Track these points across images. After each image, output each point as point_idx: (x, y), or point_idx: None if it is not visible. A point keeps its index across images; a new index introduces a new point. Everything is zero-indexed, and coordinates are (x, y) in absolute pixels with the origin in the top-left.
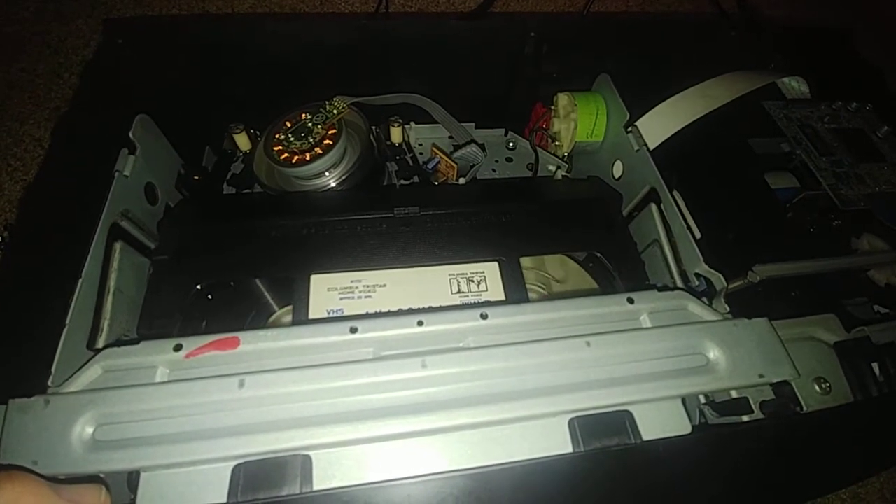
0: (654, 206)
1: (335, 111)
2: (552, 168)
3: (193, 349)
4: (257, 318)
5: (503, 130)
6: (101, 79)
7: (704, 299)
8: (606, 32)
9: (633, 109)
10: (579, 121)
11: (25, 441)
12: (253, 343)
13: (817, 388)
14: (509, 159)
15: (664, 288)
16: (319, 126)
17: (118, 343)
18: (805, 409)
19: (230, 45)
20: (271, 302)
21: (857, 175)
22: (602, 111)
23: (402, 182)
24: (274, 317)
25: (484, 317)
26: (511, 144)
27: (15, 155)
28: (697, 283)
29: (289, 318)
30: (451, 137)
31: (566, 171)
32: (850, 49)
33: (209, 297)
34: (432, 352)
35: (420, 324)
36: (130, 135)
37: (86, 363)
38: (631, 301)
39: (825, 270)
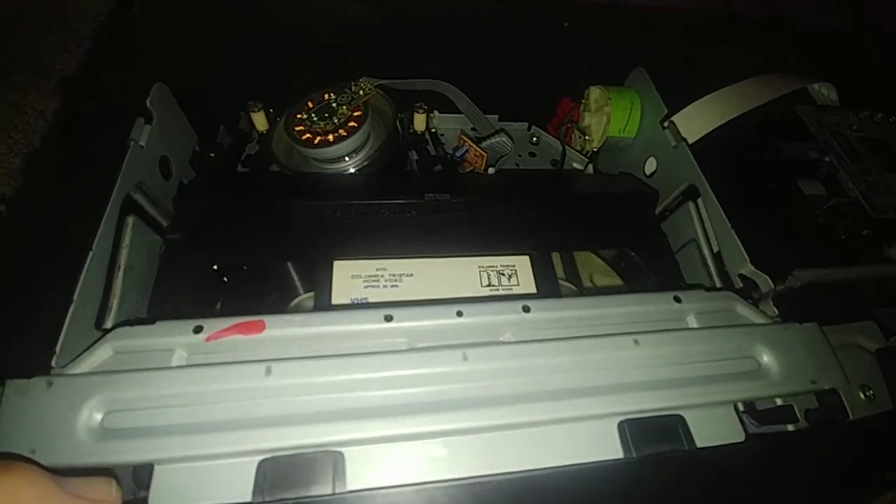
0: (691, 205)
1: (361, 92)
2: (577, 165)
3: (215, 332)
4: (276, 304)
5: (526, 124)
6: (116, 44)
7: (750, 301)
8: (635, 27)
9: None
10: (613, 115)
11: (23, 427)
12: (279, 328)
13: (862, 395)
14: (532, 154)
15: (711, 288)
16: (344, 107)
17: (131, 322)
18: (851, 416)
19: (249, 18)
20: (292, 286)
21: (885, 184)
22: (636, 106)
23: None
24: (294, 303)
25: (526, 310)
26: (535, 139)
27: (16, 127)
28: (741, 284)
29: (309, 305)
30: (473, 129)
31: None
32: (865, 55)
33: (225, 279)
34: (473, 344)
35: (459, 314)
36: (147, 103)
37: (95, 343)
38: (678, 300)
39: (862, 277)
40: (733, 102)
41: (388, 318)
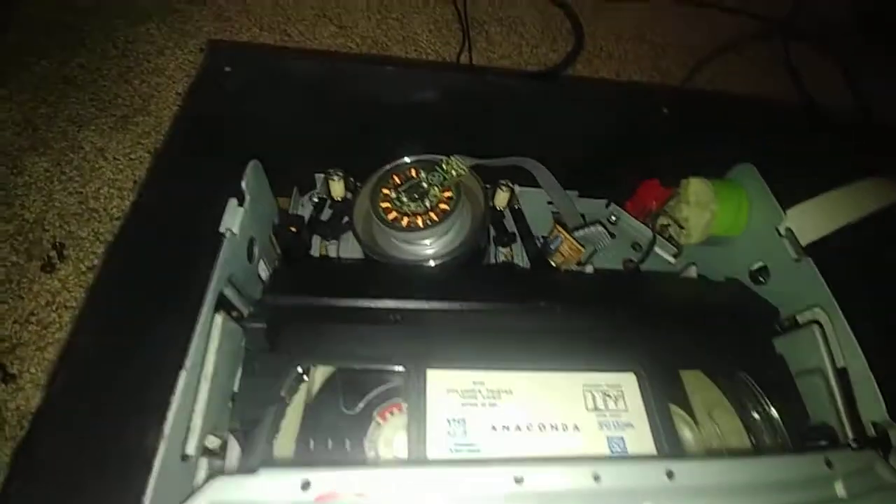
0: (816, 328)
1: (454, 172)
2: (660, 251)
3: (325, 492)
4: (363, 416)
5: (605, 201)
6: (210, 113)
7: (881, 452)
8: (722, 118)
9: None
10: (720, 213)
11: None
12: (396, 486)
13: None
14: (612, 235)
15: (854, 447)
16: (436, 187)
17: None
18: None
19: (329, 84)
20: (382, 393)
21: None
22: (744, 205)
23: (500, 249)
24: (387, 422)
25: (670, 476)
26: (613, 218)
27: (71, 162)
28: (873, 432)
29: (401, 420)
30: (549, 203)
31: (674, 256)
32: None
33: (304, 377)
34: None
35: (597, 479)
36: (243, 184)
37: (189, 497)
38: (829, 464)
39: None
40: (845, 206)
41: (519, 480)
